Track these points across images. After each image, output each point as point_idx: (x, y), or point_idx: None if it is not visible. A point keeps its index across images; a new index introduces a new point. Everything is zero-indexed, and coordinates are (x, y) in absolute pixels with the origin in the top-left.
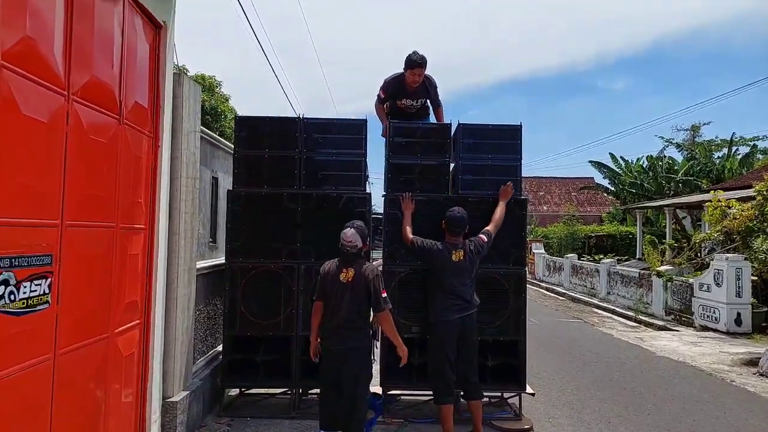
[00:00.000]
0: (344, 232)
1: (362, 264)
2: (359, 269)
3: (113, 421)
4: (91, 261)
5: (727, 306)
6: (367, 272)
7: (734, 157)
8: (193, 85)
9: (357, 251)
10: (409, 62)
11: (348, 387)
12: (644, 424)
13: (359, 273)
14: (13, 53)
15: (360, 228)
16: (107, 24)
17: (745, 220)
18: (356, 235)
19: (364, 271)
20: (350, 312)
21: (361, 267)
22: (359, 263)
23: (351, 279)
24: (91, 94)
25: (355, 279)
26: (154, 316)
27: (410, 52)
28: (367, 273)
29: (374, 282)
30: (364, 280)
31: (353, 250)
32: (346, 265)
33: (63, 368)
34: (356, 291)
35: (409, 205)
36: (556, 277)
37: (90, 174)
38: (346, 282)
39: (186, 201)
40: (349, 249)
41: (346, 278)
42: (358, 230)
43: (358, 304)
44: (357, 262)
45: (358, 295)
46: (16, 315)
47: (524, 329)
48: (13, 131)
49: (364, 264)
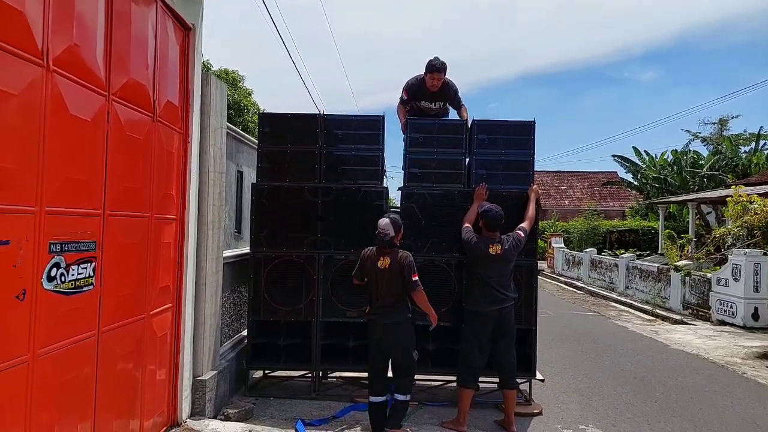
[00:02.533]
0: (380, 221)
1: (397, 253)
2: (395, 257)
3: (148, 396)
4: (129, 248)
5: (744, 300)
6: (401, 260)
7: (761, 151)
8: (219, 83)
9: (390, 240)
10: (429, 67)
11: (396, 354)
12: (651, 411)
13: (395, 261)
14: (63, 59)
15: (394, 219)
16: (142, 28)
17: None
18: (389, 225)
19: (399, 260)
20: (389, 293)
21: (396, 255)
22: (394, 252)
23: (387, 266)
24: (128, 94)
25: (391, 266)
26: (185, 300)
27: (432, 58)
28: (401, 261)
29: (407, 269)
30: (399, 267)
31: (386, 238)
32: (383, 253)
33: (106, 345)
34: (392, 276)
35: (481, 195)
36: (575, 272)
37: (127, 168)
38: (383, 268)
39: (214, 194)
40: (383, 237)
41: (383, 265)
42: (392, 221)
43: (395, 286)
44: (392, 251)
45: (395, 279)
46: (66, 294)
47: (535, 319)
48: (62, 130)
49: (399, 253)
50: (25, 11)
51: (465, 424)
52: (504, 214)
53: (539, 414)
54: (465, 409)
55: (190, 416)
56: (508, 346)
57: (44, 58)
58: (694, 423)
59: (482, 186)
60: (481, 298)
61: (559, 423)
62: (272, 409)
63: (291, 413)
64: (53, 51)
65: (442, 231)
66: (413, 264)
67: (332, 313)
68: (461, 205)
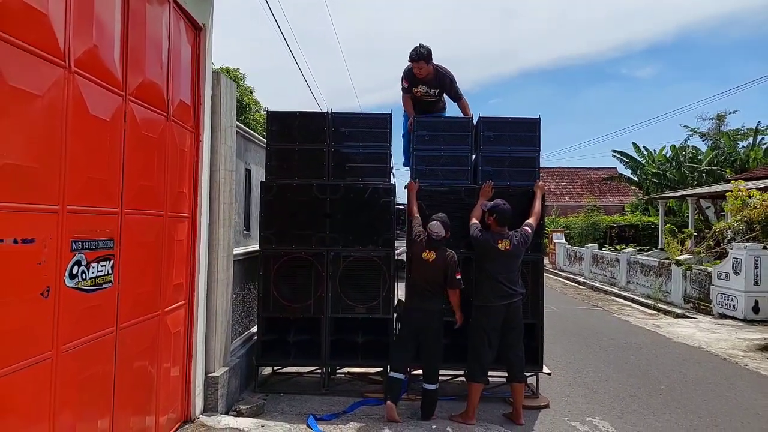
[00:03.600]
0: (431, 224)
1: (444, 251)
2: (442, 254)
3: (163, 392)
4: (145, 246)
5: (745, 294)
6: (447, 258)
7: (759, 146)
8: (229, 82)
9: (440, 239)
10: (410, 56)
11: (431, 337)
12: (655, 403)
13: (441, 257)
14: (83, 60)
15: (443, 220)
16: (156, 29)
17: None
18: (440, 227)
19: (445, 257)
20: (429, 283)
21: (444, 253)
22: (441, 249)
23: (432, 260)
24: (144, 93)
25: (436, 261)
26: (198, 297)
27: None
28: (447, 259)
29: (452, 266)
30: (444, 264)
31: (437, 238)
32: (430, 248)
33: (123, 341)
34: (435, 270)
35: (486, 192)
36: (577, 267)
37: (143, 166)
38: (428, 261)
39: (224, 192)
40: (435, 237)
41: (428, 258)
42: (443, 223)
43: (435, 279)
44: (440, 249)
45: (437, 273)
46: (87, 292)
47: (542, 313)
48: (83, 130)
49: (447, 251)
50: (48, 13)
51: (474, 417)
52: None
53: (546, 407)
54: (474, 402)
55: (203, 412)
56: (516, 340)
57: (66, 59)
58: (699, 414)
59: (488, 183)
60: (490, 293)
61: (567, 416)
62: (283, 404)
63: (302, 409)
64: (74, 52)
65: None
66: (457, 263)
67: (341, 309)
68: (468, 201)
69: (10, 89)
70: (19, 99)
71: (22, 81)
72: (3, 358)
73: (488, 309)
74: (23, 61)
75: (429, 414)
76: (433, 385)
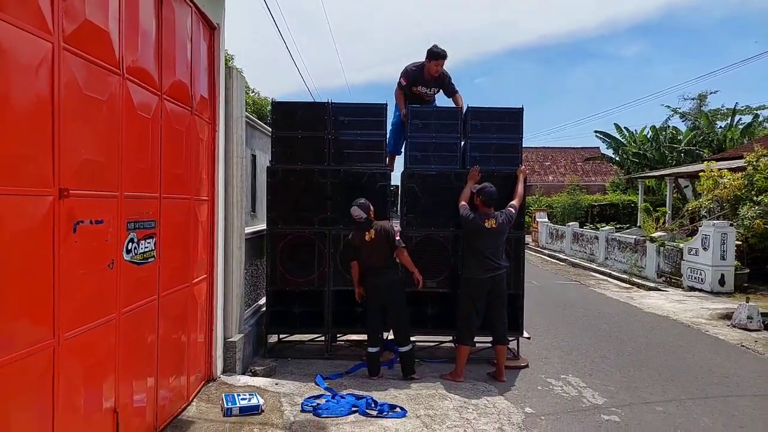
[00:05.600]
0: (352, 210)
1: (376, 223)
2: (378, 228)
3: (192, 354)
4: (178, 225)
5: (712, 268)
6: (383, 228)
7: (736, 126)
8: (239, 76)
9: (365, 220)
10: (432, 54)
11: (393, 308)
12: (622, 363)
13: (378, 231)
14: (131, 68)
15: (361, 204)
16: (182, 33)
17: (734, 189)
18: (359, 210)
19: (380, 229)
20: (380, 258)
21: (378, 226)
22: (374, 225)
23: (374, 237)
24: (174, 92)
25: (376, 236)
26: (217, 271)
27: (432, 46)
28: (383, 228)
29: (390, 232)
30: (384, 234)
31: (361, 220)
32: (365, 228)
33: (163, 308)
34: (380, 243)
35: (474, 176)
36: (558, 245)
37: (175, 156)
38: (370, 240)
39: (237, 176)
40: (358, 220)
41: (370, 237)
42: (360, 206)
43: (384, 251)
44: (372, 225)
45: (383, 245)
46: (138, 264)
47: (523, 284)
48: (133, 127)
49: (379, 224)
50: (108, 30)
51: (462, 375)
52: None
53: (526, 367)
54: (462, 363)
55: (223, 372)
56: (500, 308)
57: (120, 67)
58: (659, 371)
59: (475, 168)
60: (477, 267)
61: (543, 374)
62: (291, 367)
63: (308, 370)
64: (126, 61)
65: (439, 208)
66: (393, 227)
67: (342, 282)
68: (457, 184)
69: (85, 96)
70: (91, 104)
71: (91, 89)
72: (87, 316)
73: (475, 281)
74: (93, 72)
75: (409, 372)
76: (407, 347)
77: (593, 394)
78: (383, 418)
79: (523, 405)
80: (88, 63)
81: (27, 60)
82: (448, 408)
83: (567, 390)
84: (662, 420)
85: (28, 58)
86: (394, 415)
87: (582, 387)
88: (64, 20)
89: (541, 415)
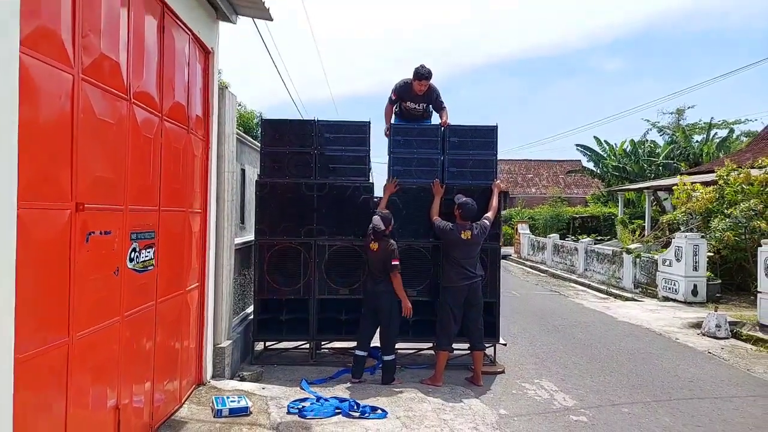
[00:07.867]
0: (374, 218)
1: (386, 241)
2: (384, 244)
3: (185, 358)
4: (174, 236)
5: (685, 279)
6: (388, 247)
7: (712, 141)
8: (231, 96)
9: (381, 231)
10: (416, 74)
11: (384, 316)
12: (594, 369)
13: (383, 247)
14: (137, 93)
15: (384, 216)
16: (181, 59)
17: (706, 202)
18: (380, 221)
19: (387, 246)
20: (378, 269)
21: (386, 243)
22: (384, 240)
23: (377, 249)
24: (173, 113)
25: (379, 250)
26: (208, 280)
27: (418, 66)
28: (388, 247)
29: (390, 255)
30: (385, 253)
31: (378, 230)
32: (375, 239)
33: (160, 313)
34: (380, 257)
35: (438, 190)
36: (540, 256)
37: (173, 172)
38: (374, 250)
39: (228, 190)
40: (376, 229)
41: (373, 248)
42: (383, 218)
43: (382, 265)
44: (383, 239)
45: (382, 259)
46: (139, 272)
47: (499, 293)
48: (137, 147)
49: (389, 242)
50: (119, 61)
51: (441, 380)
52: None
53: (502, 372)
54: (441, 368)
55: (212, 377)
56: (476, 315)
57: (128, 93)
58: (627, 376)
59: (436, 181)
60: (455, 275)
61: (519, 379)
62: (278, 373)
63: (294, 376)
64: (133, 87)
65: (420, 219)
66: (396, 250)
67: (327, 291)
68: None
69: (98, 120)
70: (103, 127)
71: (104, 113)
72: (95, 318)
73: (453, 289)
74: (105, 98)
75: (388, 380)
76: (390, 356)
77: (564, 397)
78: (365, 419)
79: (497, 407)
80: (102, 91)
81: (53, 91)
82: (426, 410)
83: (540, 393)
84: (627, 420)
85: (53, 89)
86: (376, 416)
87: (554, 391)
88: (83, 54)
89: (514, 416)
